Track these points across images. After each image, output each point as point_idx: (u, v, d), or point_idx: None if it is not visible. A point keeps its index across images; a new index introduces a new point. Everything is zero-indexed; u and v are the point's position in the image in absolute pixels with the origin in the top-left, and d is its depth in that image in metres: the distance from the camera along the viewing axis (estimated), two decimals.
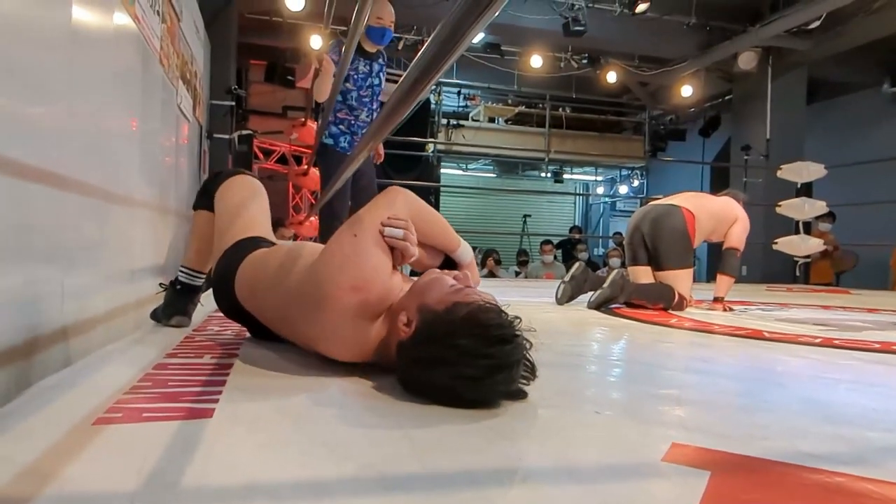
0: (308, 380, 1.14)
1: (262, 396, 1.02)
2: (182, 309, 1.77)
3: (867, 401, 1.16)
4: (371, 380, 1.13)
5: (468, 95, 9.80)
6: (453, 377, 0.94)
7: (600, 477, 0.71)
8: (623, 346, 1.91)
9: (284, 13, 5.74)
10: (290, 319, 1.26)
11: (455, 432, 0.85)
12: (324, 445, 0.77)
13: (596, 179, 12.53)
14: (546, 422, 0.94)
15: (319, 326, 1.15)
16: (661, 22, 6.64)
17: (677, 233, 2.95)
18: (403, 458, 0.74)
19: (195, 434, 0.79)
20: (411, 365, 1.02)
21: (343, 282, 1.10)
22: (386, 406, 0.98)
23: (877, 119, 7.62)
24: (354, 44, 1.65)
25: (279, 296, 1.28)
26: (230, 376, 1.14)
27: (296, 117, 5.45)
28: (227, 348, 1.43)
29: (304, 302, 1.17)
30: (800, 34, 6.48)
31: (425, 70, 0.79)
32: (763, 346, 1.92)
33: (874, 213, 6.61)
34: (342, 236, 1.16)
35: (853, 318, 2.86)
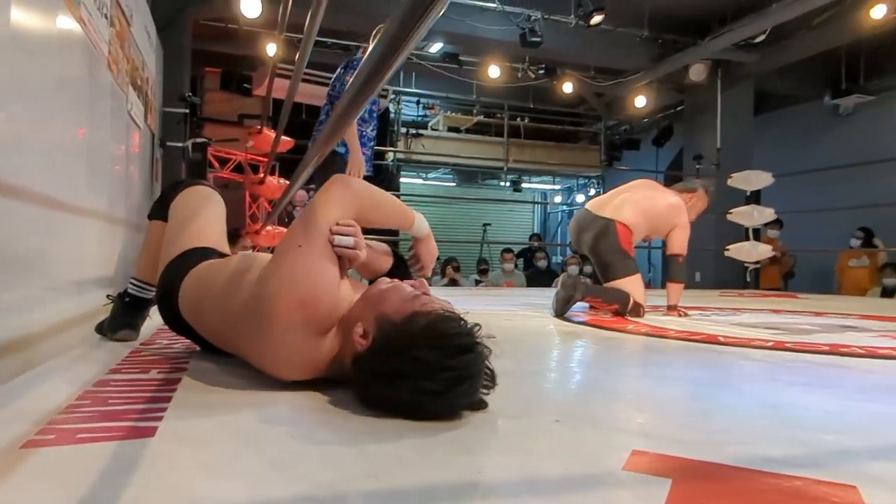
0: (259, 395, 1.09)
1: (210, 413, 0.97)
2: (129, 322, 1.69)
3: (820, 403, 1.18)
4: (325, 394, 1.09)
5: (427, 105, 9.81)
6: (414, 391, 0.91)
7: (562, 488, 0.70)
8: (582, 354, 1.92)
9: (240, 20, 5.63)
10: (235, 337, 1.20)
11: (413, 446, 0.82)
12: (275, 464, 0.73)
13: (554, 188, 12.69)
14: (506, 432, 0.92)
15: (265, 345, 1.09)
16: (616, 34, 6.79)
17: (614, 251, 3.02)
18: (359, 475, 0.70)
19: (134, 455, 0.74)
20: (370, 379, 0.98)
21: (289, 297, 1.04)
22: (341, 421, 0.94)
23: (819, 130, 7.96)
24: (309, 49, 1.61)
25: (223, 312, 1.22)
26: (177, 392, 1.08)
27: (252, 125, 5.34)
28: (175, 363, 1.37)
29: (248, 319, 1.11)
30: (746, 48, 6.73)
31: (372, 73, 0.77)
32: (718, 350, 1.95)
33: (818, 221, 6.89)
34: (288, 247, 1.10)
35: (802, 321, 2.95)
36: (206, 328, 1.33)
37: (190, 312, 1.34)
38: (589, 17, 5.96)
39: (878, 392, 1.31)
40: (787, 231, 6.60)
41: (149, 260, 1.64)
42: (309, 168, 1.38)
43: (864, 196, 6.50)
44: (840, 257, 6.40)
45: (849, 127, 7.68)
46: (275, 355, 1.10)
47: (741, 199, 5.96)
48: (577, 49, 6.97)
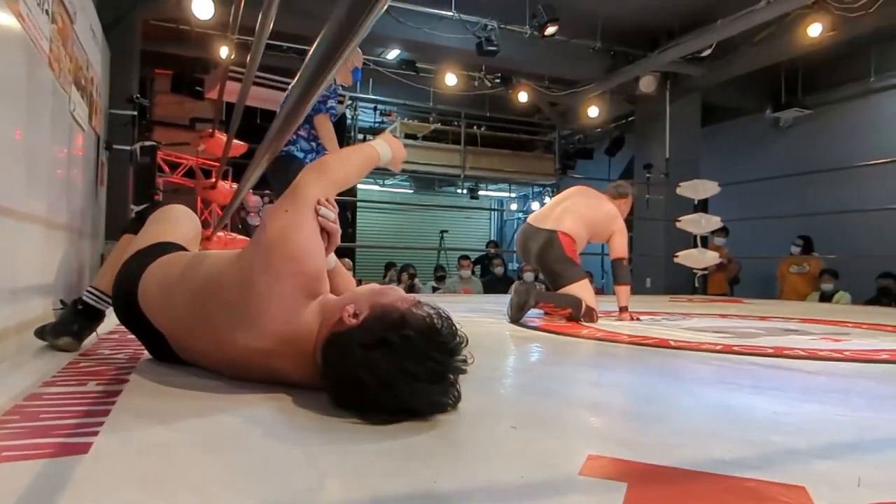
0: (202, 405, 1.04)
1: (148, 426, 0.92)
2: (75, 331, 1.59)
3: (768, 404, 1.21)
4: (272, 403, 1.05)
5: (384, 111, 9.78)
6: (394, 366, 0.91)
7: (518, 495, 0.68)
8: (537, 359, 1.92)
9: (192, 21, 5.48)
10: (206, 311, 1.16)
11: (366, 456, 0.79)
12: (218, 479, 0.70)
13: (510, 196, 12.83)
14: (462, 439, 0.91)
15: (250, 297, 1.08)
16: (569, 45, 6.92)
17: (560, 259, 3.13)
18: (310, 487, 0.68)
19: (64, 473, 0.69)
20: (351, 349, 0.96)
21: (283, 250, 1.09)
22: (289, 431, 0.91)
23: (762, 141, 8.31)
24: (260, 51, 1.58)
25: (193, 290, 1.20)
26: (116, 405, 1.02)
27: (204, 129, 5.19)
28: (116, 373, 1.30)
29: (232, 279, 1.12)
30: (693, 61, 6.97)
31: (315, 74, 0.76)
32: (670, 354, 1.99)
33: (761, 228, 7.17)
34: (276, 211, 1.15)
35: (748, 325, 3.05)
36: (167, 315, 1.28)
37: (151, 301, 1.30)
38: (544, 28, 6.05)
39: (820, 393, 1.36)
40: (732, 238, 6.84)
41: (109, 270, 1.56)
42: (258, 171, 1.34)
43: (803, 205, 6.81)
44: (781, 264, 6.67)
45: (788, 139, 8.04)
46: (259, 307, 1.08)
47: (690, 208, 6.15)
48: (532, 59, 7.07)
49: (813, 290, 6.26)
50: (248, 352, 1.11)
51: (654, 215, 7.23)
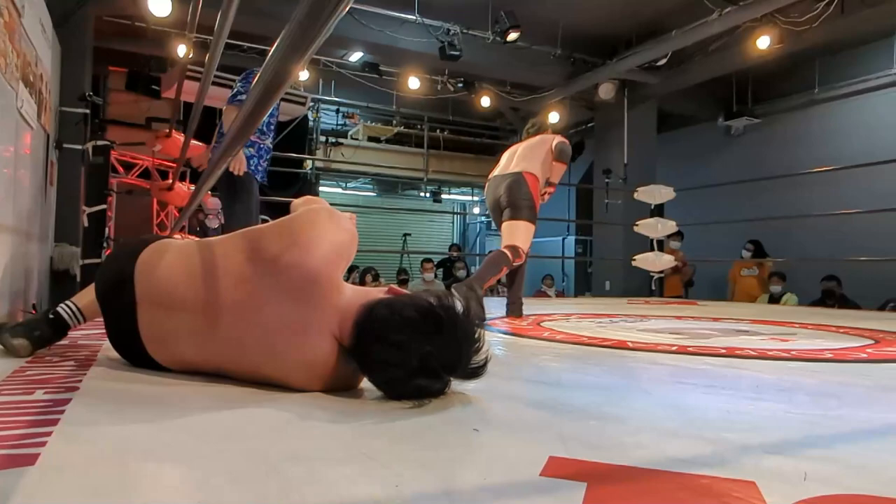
0: (156, 410, 1.02)
1: (101, 435, 0.89)
2: (35, 336, 1.50)
3: (722, 403, 1.25)
4: (228, 408, 1.03)
5: (347, 114, 9.72)
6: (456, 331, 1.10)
7: (480, 498, 0.69)
8: (498, 362, 1.94)
9: (148, 18, 5.33)
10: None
11: (328, 462, 0.79)
12: (174, 488, 0.68)
13: (473, 199, 12.90)
14: (425, 443, 0.91)
15: (308, 233, 1.20)
16: (531, 51, 7.02)
17: (525, 196, 3.31)
18: (270, 494, 0.67)
19: (9, 487, 0.66)
20: (402, 306, 1.11)
21: (340, 216, 1.28)
22: (250, 437, 0.89)
23: (715, 148, 8.58)
24: (219, 51, 1.54)
25: (229, 240, 1.29)
26: (65, 413, 0.99)
27: (161, 129, 5.04)
28: (66, 381, 1.25)
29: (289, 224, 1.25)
30: (650, 70, 7.16)
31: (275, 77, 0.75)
32: (628, 355, 2.03)
33: (713, 232, 7.39)
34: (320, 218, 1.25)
35: (702, 326, 3.14)
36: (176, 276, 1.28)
37: (152, 270, 1.30)
38: (506, 34, 6.12)
39: (770, 391, 1.41)
40: (686, 242, 7.04)
41: (92, 291, 1.47)
42: (217, 172, 1.32)
43: (753, 210, 7.06)
44: (733, 266, 6.89)
45: (739, 146, 8.33)
46: (320, 236, 1.21)
47: (647, 212, 6.31)
48: (494, 64, 7.14)
49: (763, 292, 6.49)
50: (269, 296, 1.16)
51: (612, 219, 7.39)
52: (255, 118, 0.99)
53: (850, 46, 6.86)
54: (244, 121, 1.03)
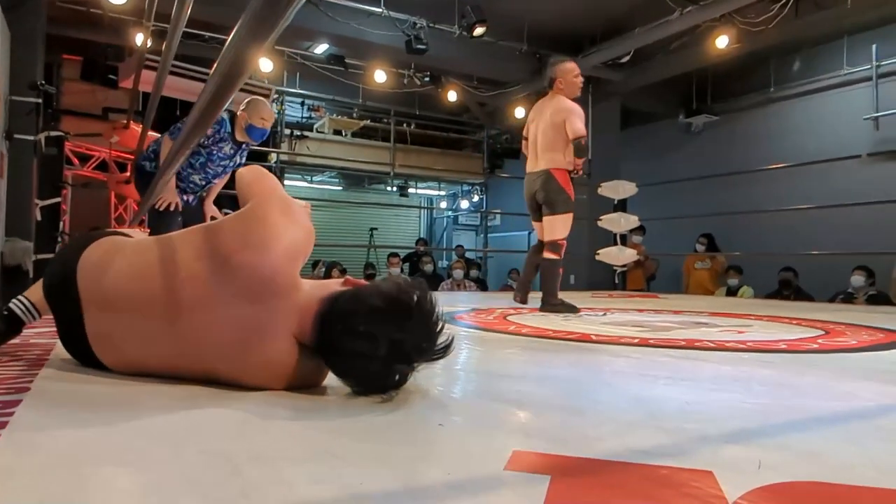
0: (110, 412, 0.99)
1: (52, 439, 0.86)
2: None
3: (681, 394, 1.28)
4: (185, 409, 1.00)
5: (312, 106, 9.58)
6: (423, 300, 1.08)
7: (444, 494, 0.69)
8: (464, 356, 1.95)
9: (104, 5, 5.14)
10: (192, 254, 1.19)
11: (290, 462, 0.78)
12: (128, 494, 0.66)
13: (440, 194, 12.90)
14: (390, 439, 0.90)
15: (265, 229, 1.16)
16: (497, 47, 7.04)
17: (558, 191, 3.56)
18: (233, 496, 0.65)
19: None
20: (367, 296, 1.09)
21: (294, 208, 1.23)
22: (208, 438, 0.88)
23: (676, 145, 8.77)
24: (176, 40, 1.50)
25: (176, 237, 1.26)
26: (14, 416, 0.95)
27: (118, 120, 4.88)
28: (16, 382, 1.20)
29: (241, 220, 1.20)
30: (614, 67, 7.25)
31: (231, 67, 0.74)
32: (591, 348, 2.07)
33: (673, 227, 7.56)
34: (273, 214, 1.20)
35: (663, 319, 3.22)
36: (119, 278, 1.22)
37: (94, 270, 1.24)
38: (472, 29, 6.12)
39: (727, 382, 1.46)
40: (648, 237, 7.19)
41: None
42: (175, 165, 1.28)
43: (712, 205, 7.25)
44: (687, 260, 7.07)
45: (699, 143, 8.53)
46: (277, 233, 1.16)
47: (610, 207, 6.41)
48: (460, 58, 7.14)
49: (716, 284, 6.69)
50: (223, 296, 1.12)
51: (578, 214, 7.45)
52: (212, 110, 0.97)
53: (804, 47, 7.09)
54: (198, 117, 1.00)
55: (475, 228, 12.55)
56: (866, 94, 6.62)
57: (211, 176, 3.20)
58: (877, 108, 6.49)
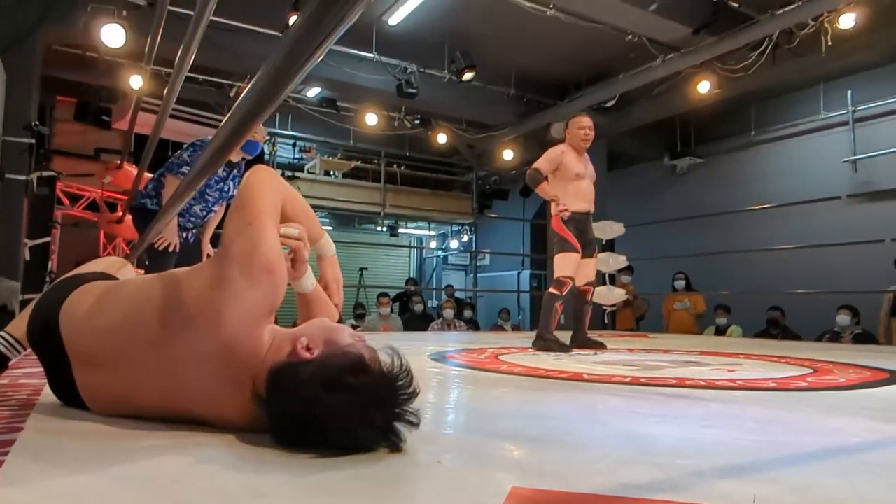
0: (111, 449, 0.98)
1: (49, 476, 0.86)
2: None
3: (673, 431, 1.29)
4: (180, 448, 1.00)
5: (304, 148, 9.71)
6: (354, 411, 0.93)
7: None
8: (459, 395, 1.95)
9: (100, 49, 5.25)
10: (147, 318, 1.11)
11: (286, 500, 0.78)
12: None
13: (430, 234, 12.98)
14: (387, 476, 0.91)
15: (209, 301, 1.06)
16: (485, 91, 7.23)
17: (552, 234, 3.88)
18: None
19: None
20: (308, 384, 0.95)
21: (256, 262, 1.07)
22: (202, 478, 0.88)
23: (662, 186, 8.95)
24: (178, 85, 1.55)
25: (139, 296, 1.17)
26: (9, 454, 0.94)
27: (110, 160, 4.92)
28: (8, 421, 1.19)
29: (193, 284, 1.11)
30: (599, 111, 7.46)
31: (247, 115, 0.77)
32: (583, 387, 2.07)
33: (661, 266, 7.65)
34: (238, 226, 1.11)
35: (653, 358, 3.23)
36: (90, 334, 1.18)
37: (75, 321, 1.21)
38: (461, 74, 6.30)
39: (718, 419, 1.47)
40: (635, 276, 7.25)
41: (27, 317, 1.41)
42: (179, 204, 1.30)
43: (698, 245, 7.36)
44: (666, 300, 7.14)
45: (684, 185, 8.72)
46: (223, 305, 1.05)
47: (598, 247, 6.48)
48: (450, 102, 7.32)
49: (696, 324, 6.74)
50: (192, 356, 1.06)
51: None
52: (225, 152, 1.00)
53: (782, 93, 7.35)
54: (209, 157, 1.03)
55: (465, 268, 12.60)
56: (844, 137, 6.85)
57: (211, 204, 3.22)
58: (854, 152, 6.71)
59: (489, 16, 5.78)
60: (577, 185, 3.86)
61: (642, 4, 5.20)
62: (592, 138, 3.98)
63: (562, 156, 3.86)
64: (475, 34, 6.31)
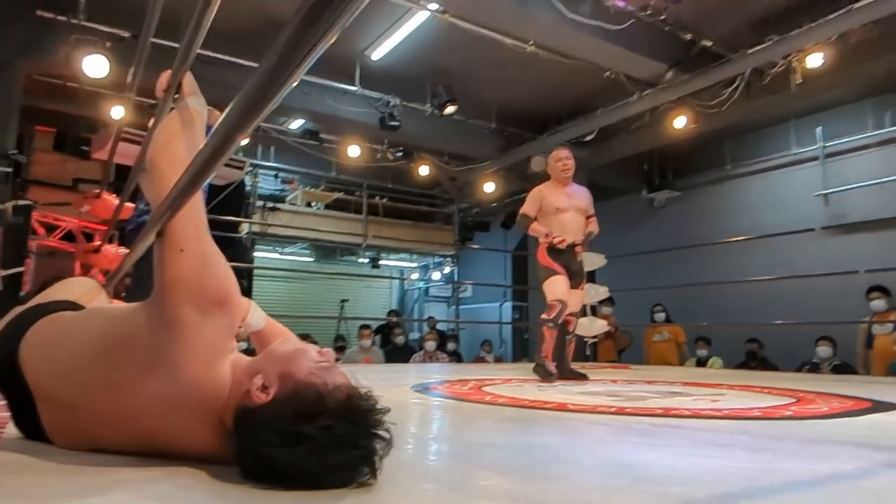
0: (80, 481, 0.94)
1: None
2: None
3: (664, 459, 1.28)
4: (153, 481, 0.96)
5: (286, 179, 9.69)
6: (315, 460, 0.86)
7: None
8: (444, 425, 1.91)
9: (82, 79, 5.22)
10: (110, 360, 1.04)
11: None
12: None
13: (411, 265, 12.95)
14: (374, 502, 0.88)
15: (167, 343, 0.98)
16: (467, 125, 7.33)
17: (538, 266, 3.99)
18: None
19: None
20: (264, 433, 0.89)
21: (205, 297, 0.99)
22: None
23: (640, 219, 9.07)
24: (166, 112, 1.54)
25: (98, 333, 1.09)
26: None
27: (88, 190, 4.85)
28: None
29: (145, 325, 1.01)
30: (579, 144, 7.58)
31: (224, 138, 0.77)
32: (569, 417, 2.05)
33: (641, 298, 7.70)
34: (169, 257, 1.01)
35: (637, 389, 3.22)
36: (51, 373, 1.12)
37: (35, 358, 1.15)
38: (443, 107, 6.39)
39: (708, 447, 1.46)
40: (616, 308, 7.29)
41: None
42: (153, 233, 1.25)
43: (676, 276, 7.44)
44: (646, 332, 7.17)
45: (662, 217, 8.85)
46: (182, 346, 0.98)
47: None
48: (432, 135, 7.40)
49: (676, 356, 6.78)
50: (154, 403, 1.00)
51: None
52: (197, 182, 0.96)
53: (756, 128, 7.57)
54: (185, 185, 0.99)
55: (446, 300, 12.55)
56: (815, 172, 7.04)
57: None
58: (825, 186, 6.89)
59: (470, 51, 5.90)
60: (558, 219, 3.93)
61: (619, 42, 5.35)
62: (573, 167, 4.07)
63: (541, 194, 3.96)
64: (456, 69, 6.42)
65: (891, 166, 6.30)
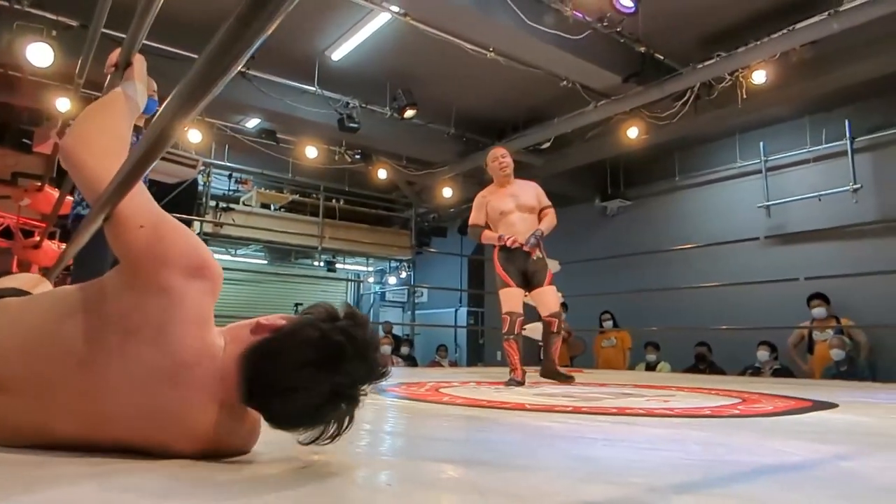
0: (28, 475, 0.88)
1: None
2: None
3: (622, 454, 1.30)
4: (113, 478, 0.92)
5: (240, 179, 9.46)
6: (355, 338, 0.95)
7: None
8: (398, 423, 1.90)
9: (26, 69, 4.97)
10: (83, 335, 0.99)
11: None
12: None
13: (367, 269, 12.85)
14: (330, 498, 0.86)
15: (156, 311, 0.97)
16: (426, 129, 7.34)
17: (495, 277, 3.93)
18: None
19: None
20: (299, 336, 0.96)
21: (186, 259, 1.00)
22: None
23: (593, 226, 9.27)
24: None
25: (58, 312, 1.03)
26: None
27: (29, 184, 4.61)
28: None
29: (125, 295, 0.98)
30: (535, 152, 7.71)
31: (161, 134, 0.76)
32: (527, 415, 2.07)
33: (592, 304, 7.86)
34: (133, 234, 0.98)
35: (591, 391, 3.27)
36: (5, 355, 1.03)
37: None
38: (403, 111, 6.38)
39: (664, 442, 1.49)
40: (571, 313, 7.42)
41: None
42: (91, 229, 1.19)
43: (627, 283, 7.64)
44: (595, 338, 7.35)
45: (614, 225, 9.07)
46: (172, 312, 0.97)
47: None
48: (391, 138, 7.37)
49: (623, 361, 6.97)
50: (124, 379, 0.96)
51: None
52: (135, 175, 0.92)
53: (704, 141, 7.85)
54: (124, 178, 0.95)
55: (402, 305, 12.51)
56: (758, 184, 7.36)
57: None
58: (767, 197, 7.20)
59: (431, 56, 5.92)
60: (505, 222, 3.91)
61: (576, 52, 5.46)
62: (510, 164, 4.04)
63: (485, 200, 3.95)
64: (417, 73, 6.43)
65: (828, 180, 6.64)
